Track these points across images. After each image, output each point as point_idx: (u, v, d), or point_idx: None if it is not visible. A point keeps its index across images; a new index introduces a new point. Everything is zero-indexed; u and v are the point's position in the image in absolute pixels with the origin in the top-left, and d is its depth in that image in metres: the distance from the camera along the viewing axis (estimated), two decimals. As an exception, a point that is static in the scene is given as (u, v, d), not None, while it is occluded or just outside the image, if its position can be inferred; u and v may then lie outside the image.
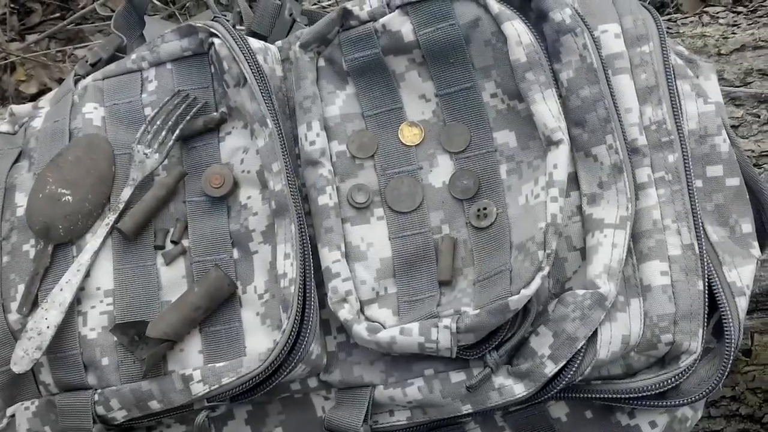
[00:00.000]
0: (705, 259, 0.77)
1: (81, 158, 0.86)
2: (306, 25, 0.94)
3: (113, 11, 0.99)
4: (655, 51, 0.82)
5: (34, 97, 1.57)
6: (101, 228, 0.84)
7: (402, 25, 0.83)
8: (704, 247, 0.78)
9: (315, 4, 1.72)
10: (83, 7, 1.71)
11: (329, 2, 1.68)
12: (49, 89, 1.56)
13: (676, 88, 0.82)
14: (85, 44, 1.70)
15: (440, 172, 0.83)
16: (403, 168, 0.83)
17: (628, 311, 0.76)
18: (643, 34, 0.83)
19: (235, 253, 0.83)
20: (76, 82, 0.93)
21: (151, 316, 0.81)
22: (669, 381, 0.76)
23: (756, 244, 0.81)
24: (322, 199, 0.80)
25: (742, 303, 0.77)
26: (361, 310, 0.79)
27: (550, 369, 0.75)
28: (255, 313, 0.80)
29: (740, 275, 0.78)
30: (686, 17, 1.13)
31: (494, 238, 0.79)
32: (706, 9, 1.13)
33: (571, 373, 0.75)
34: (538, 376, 0.75)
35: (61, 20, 1.74)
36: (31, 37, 1.72)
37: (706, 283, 0.77)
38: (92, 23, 1.74)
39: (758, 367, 0.97)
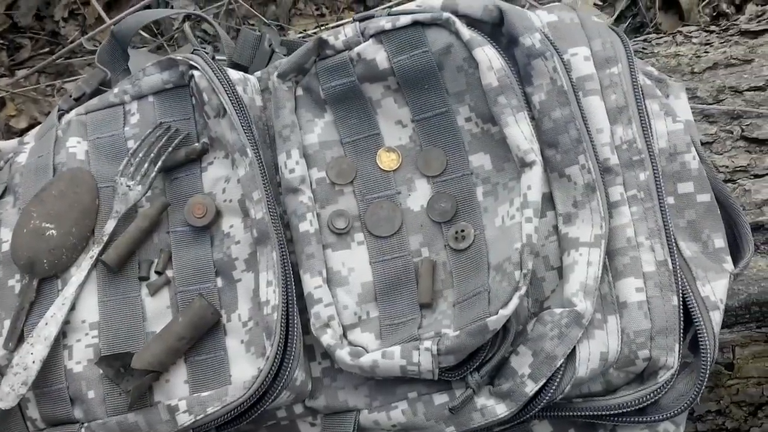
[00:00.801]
0: (679, 275, 0.79)
1: (65, 192, 0.87)
2: (285, 55, 0.95)
3: (101, 44, 1.00)
4: (624, 72, 0.84)
5: (24, 132, 1.58)
6: (86, 261, 0.85)
7: (376, 53, 0.85)
8: (678, 263, 0.79)
9: (302, 32, 1.73)
10: (72, 42, 1.73)
11: (314, 31, 1.70)
12: (39, 123, 1.57)
13: (645, 107, 0.84)
14: (75, 78, 1.71)
15: (418, 196, 0.84)
16: (382, 193, 0.84)
17: (606, 328, 0.77)
18: (611, 56, 0.84)
19: (219, 282, 0.84)
20: (60, 116, 0.94)
21: (136, 347, 0.82)
22: (648, 396, 0.77)
23: (728, 258, 0.82)
24: (303, 226, 0.82)
25: (717, 317, 0.78)
26: (344, 335, 0.80)
27: (531, 388, 0.76)
28: (239, 341, 0.81)
29: (714, 290, 0.79)
30: (660, 37, 1.14)
31: (472, 260, 0.81)
32: (680, 29, 1.15)
33: (552, 391, 0.76)
34: (519, 395, 0.76)
35: (50, 55, 1.75)
36: (20, 72, 1.73)
37: (681, 299, 0.78)
38: (81, 57, 1.75)
39: (741, 380, 0.98)
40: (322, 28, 1.67)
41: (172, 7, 1.76)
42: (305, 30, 1.72)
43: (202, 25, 1.72)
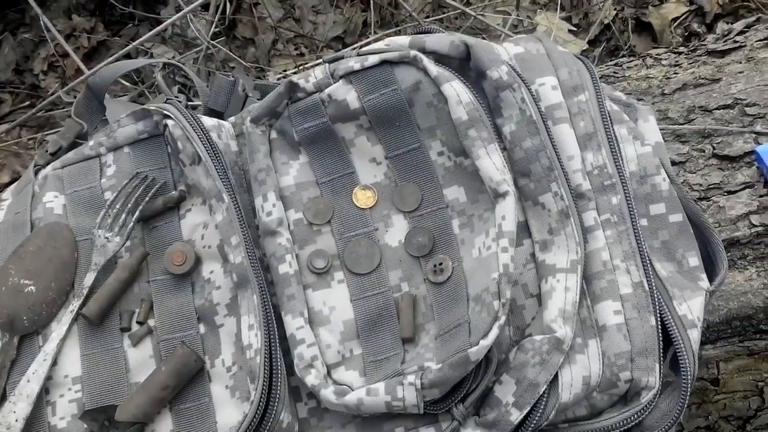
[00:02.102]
0: (655, 295, 0.79)
1: (42, 248, 0.87)
2: (258, 99, 0.96)
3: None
4: (591, 99, 0.85)
5: (6, 186, 1.59)
6: (66, 315, 0.85)
7: (347, 93, 0.85)
8: (654, 284, 0.80)
9: (282, 72, 1.75)
10: (52, 94, 1.74)
11: (294, 71, 1.71)
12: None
13: (614, 132, 0.85)
14: (57, 130, 1.72)
15: (395, 231, 0.85)
16: (360, 230, 0.85)
17: (587, 352, 0.78)
18: (578, 84, 0.85)
19: (202, 328, 0.84)
20: (36, 172, 0.94)
21: (120, 399, 0.82)
22: (632, 417, 0.78)
23: (704, 276, 0.83)
24: (283, 268, 0.82)
25: (695, 335, 0.79)
26: (329, 374, 0.80)
27: (516, 416, 0.76)
28: (224, 386, 0.81)
29: (690, 308, 0.80)
30: (631, 61, 1.16)
31: (452, 292, 0.81)
32: (649, 52, 1.16)
33: (537, 418, 0.76)
34: (505, 424, 0.76)
35: (30, 108, 1.76)
36: (1, 127, 1.74)
37: (659, 319, 0.79)
38: (63, 109, 1.76)
39: (728, 394, 0.98)
40: (301, 67, 1.69)
41: (151, 56, 1.78)
42: (285, 70, 1.74)
43: (182, 71, 1.73)
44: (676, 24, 1.61)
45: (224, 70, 1.73)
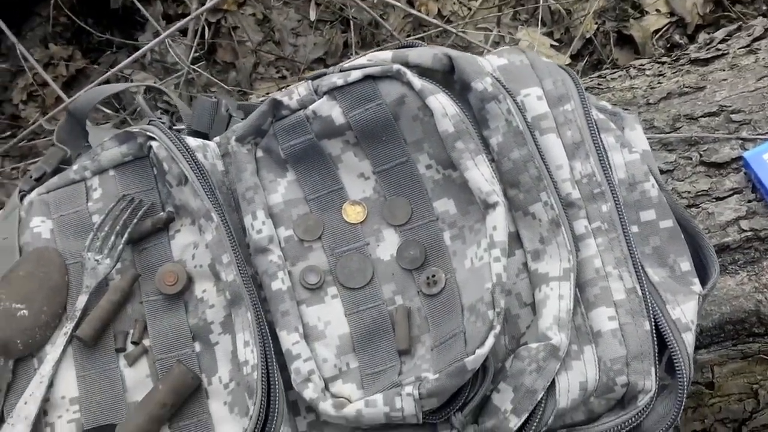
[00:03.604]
0: (649, 300, 0.80)
1: (32, 272, 0.87)
2: (242, 119, 0.96)
3: (60, 124, 1.00)
4: (577, 108, 0.85)
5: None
6: (60, 337, 0.85)
7: (331, 109, 0.86)
8: (647, 289, 0.80)
9: (264, 95, 1.75)
10: (33, 123, 1.73)
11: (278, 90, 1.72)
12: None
13: (601, 141, 0.85)
14: (38, 159, 1.71)
15: (387, 245, 0.85)
16: (351, 246, 0.85)
17: (583, 358, 0.78)
18: (563, 93, 0.86)
19: (197, 347, 0.84)
20: (21, 198, 0.94)
21: (118, 419, 0.82)
22: (630, 421, 0.78)
23: (696, 280, 0.83)
24: (275, 285, 0.82)
25: (689, 338, 0.79)
26: (326, 388, 0.80)
27: (514, 423, 0.76)
28: (222, 402, 0.81)
29: (684, 312, 0.81)
30: (614, 72, 1.17)
31: (446, 303, 0.81)
32: (633, 63, 1.17)
33: (535, 424, 0.77)
34: (504, 431, 0.77)
35: (12, 138, 1.76)
36: (-17, 158, 1.74)
37: (653, 323, 0.79)
38: (44, 137, 1.76)
39: (723, 398, 0.99)
40: (283, 90, 1.69)
41: (131, 81, 1.78)
42: (267, 93, 1.73)
43: (163, 96, 1.73)
44: (657, 36, 1.63)
45: (206, 93, 1.73)
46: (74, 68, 1.84)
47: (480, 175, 0.81)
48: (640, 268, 0.81)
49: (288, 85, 1.71)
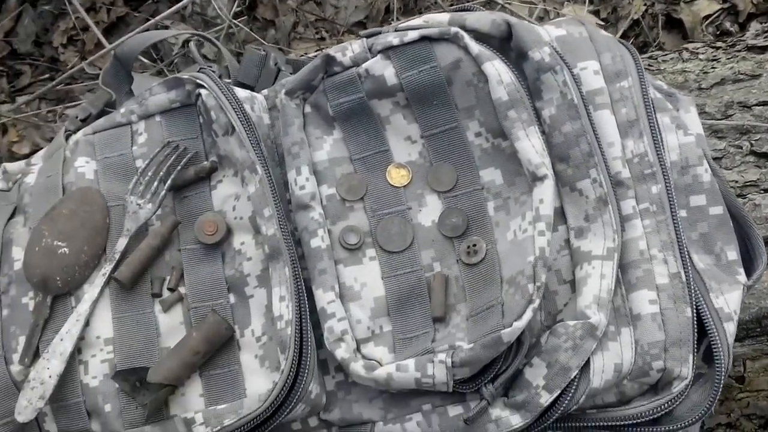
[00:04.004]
0: (692, 287, 0.79)
1: (75, 211, 0.87)
2: (291, 74, 0.95)
3: (101, 69, 1.00)
4: (634, 86, 0.84)
5: (26, 158, 1.58)
6: (98, 278, 0.85)
7: (384, 69, 0.85)
8: (691, 275, 0.79)
9: (302, 56, 1.74)
10: (72, 67, 1.73)
11: (314, 54, 1.70)
12: (41, 149, 1.58)
13: (656, 121, 0.84)
14: (76, 103, 1.71)
15: (429, 211, 0.84)
16: (393, 209, 0.85)
17: (620, 340, 0.77)
18: (621, 69, 0.84)
19: (232, 298, 0.84)
20: (67, 137, 0.94)
21: (151, 362, 0.82)
22: (662, 407, 0.77)
23: (741, 270, 0.82)
24: (315, 242, 0.82)
25: (731, 328, 0.79)
26: (358, 349, 0.80)
27: (546, 399, 0.76)
28: (254, 355, 0.81)
29: (727, 301, 0.80)
30: (666, 54, 1.15)
31: (485, 274, 0.81)
32: (686, 45, 1.15)
33: (566, 402, 0.76)
34: (534, 406, 0.76)
35: (50, 81, 1.76)
36: (21, 99, 1.74)
37: (695, 310, 0.78)
38: (81, 83, 1.76)
39: (752, 393, 0.98)
40: (322, 51, 1.68)
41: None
42: (305, 53, 1.72)
43: (202, 49, 1.72)
44: (707, 22, 1.60)
45: (254, 46, 1.72)
46: (115, 15, 1.84)
47: (531, 146, 0.80)
48: (686, 253, 0.80)
49: (326, 47, 1.70)
